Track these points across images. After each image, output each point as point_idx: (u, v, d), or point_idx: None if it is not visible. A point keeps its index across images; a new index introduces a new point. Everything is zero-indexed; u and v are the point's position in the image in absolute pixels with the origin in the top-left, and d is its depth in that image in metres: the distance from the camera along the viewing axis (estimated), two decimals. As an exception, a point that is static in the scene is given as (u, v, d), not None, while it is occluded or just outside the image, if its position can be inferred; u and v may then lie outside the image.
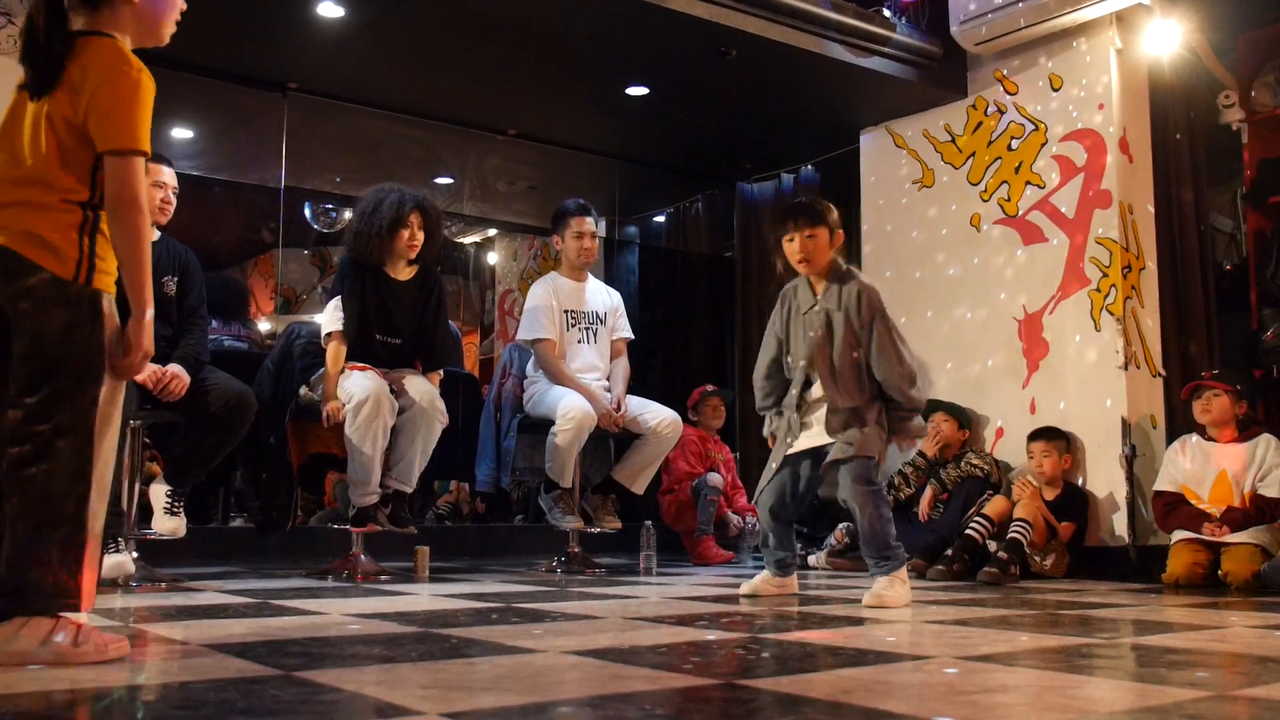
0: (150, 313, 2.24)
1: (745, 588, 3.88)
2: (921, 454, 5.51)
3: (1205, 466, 4.74)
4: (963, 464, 5.42)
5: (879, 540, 3.62)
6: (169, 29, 2.35)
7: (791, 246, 3.80)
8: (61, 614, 2.11)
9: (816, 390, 3.78)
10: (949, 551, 4.89)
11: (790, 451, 3.80)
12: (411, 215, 4.58)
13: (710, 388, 6.48)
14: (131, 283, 2.20)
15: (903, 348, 3.72)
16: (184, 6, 2.36)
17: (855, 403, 3.69)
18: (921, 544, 5.14)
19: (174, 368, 4.02)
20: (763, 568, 3.96)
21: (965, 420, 5.60)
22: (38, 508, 2.09)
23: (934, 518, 5.29)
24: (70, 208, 2.15)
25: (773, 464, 3.86)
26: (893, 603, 3.48)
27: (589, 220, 5.21)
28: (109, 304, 2.22)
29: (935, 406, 5.57)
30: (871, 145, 6.47)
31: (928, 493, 5.36)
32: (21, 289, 2.10)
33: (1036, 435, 5.22)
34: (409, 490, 4.56)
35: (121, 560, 3.90)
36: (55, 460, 2.09)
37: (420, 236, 4.63)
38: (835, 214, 3.88)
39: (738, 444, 7.17)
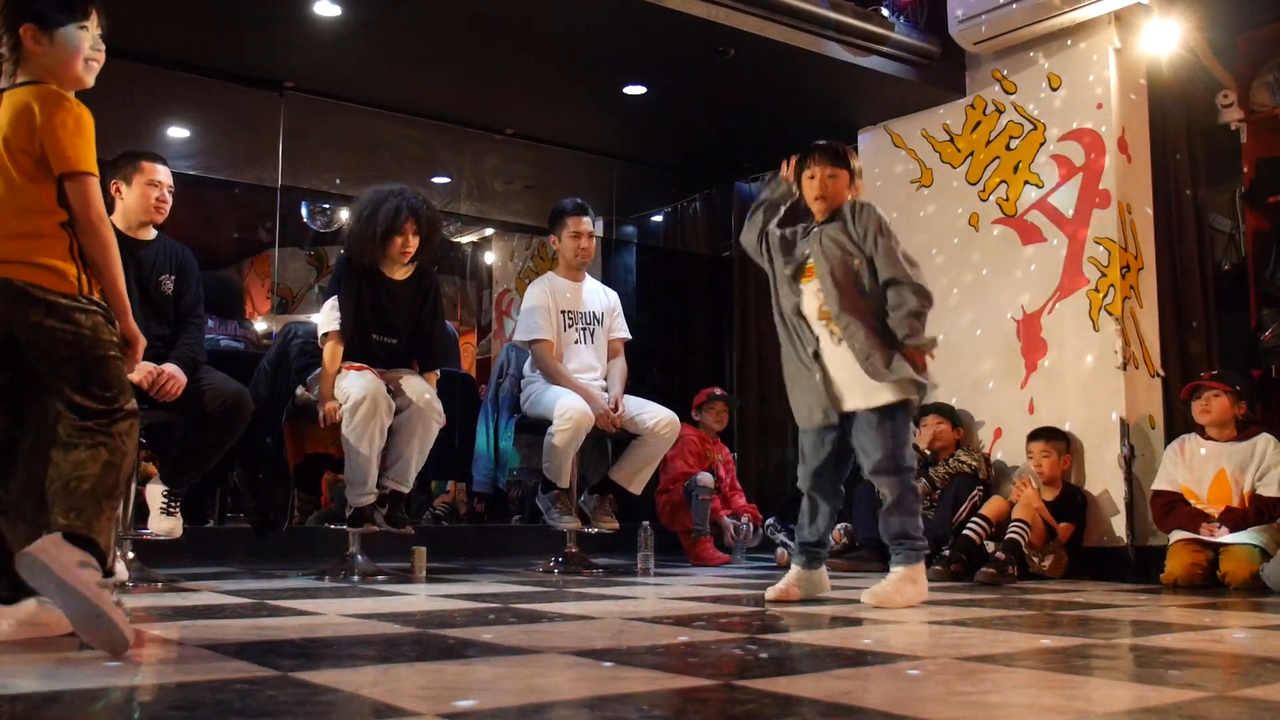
0: (129, 310, 2.51)
1: (772, 593, 3.64)
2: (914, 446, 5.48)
3: (1204, 466, 4.73)
4: (951, 462, 5.42)
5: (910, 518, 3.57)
6: (82, 77, 2.52)
7: (811, 183, 3.75)
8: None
9: (829, 346, 3.64)
10: (946, 551, 4.88)
11: (819, 423, 3.65)
12: (406, 224, 4.56)
13: (719, 391, 6.49)
14: (109, 286, 2.45)
15: (905, 255, 3.63)
16: (94, 56, 2.53)
17: (861, 317, 3.56)
18: None
19: (170, 368, 4.01)
20: (773, 567, 3.89)
21: (957, 420, 5.59)
22: (106, 480, 2.32)
23: (927, 517, 5.27)
24: (60, 233, 2.41)
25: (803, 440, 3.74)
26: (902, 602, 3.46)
27: (586, 220, 5.20)
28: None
29: (927, 409, 5.55)
30: (870, 145, 6.46)
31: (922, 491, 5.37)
32: (43, 308, 2.34)
33: (1035, 435, 5.22)
34: (406, 490, 4.55)
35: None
36: (128, 440, 2.38)
37: (414, 243, 4.61)
38: (859, 163, 3.87)
39: (735, 445, 7.17)
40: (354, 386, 4.31)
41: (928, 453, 5.44)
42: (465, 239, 9.67)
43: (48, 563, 2.17)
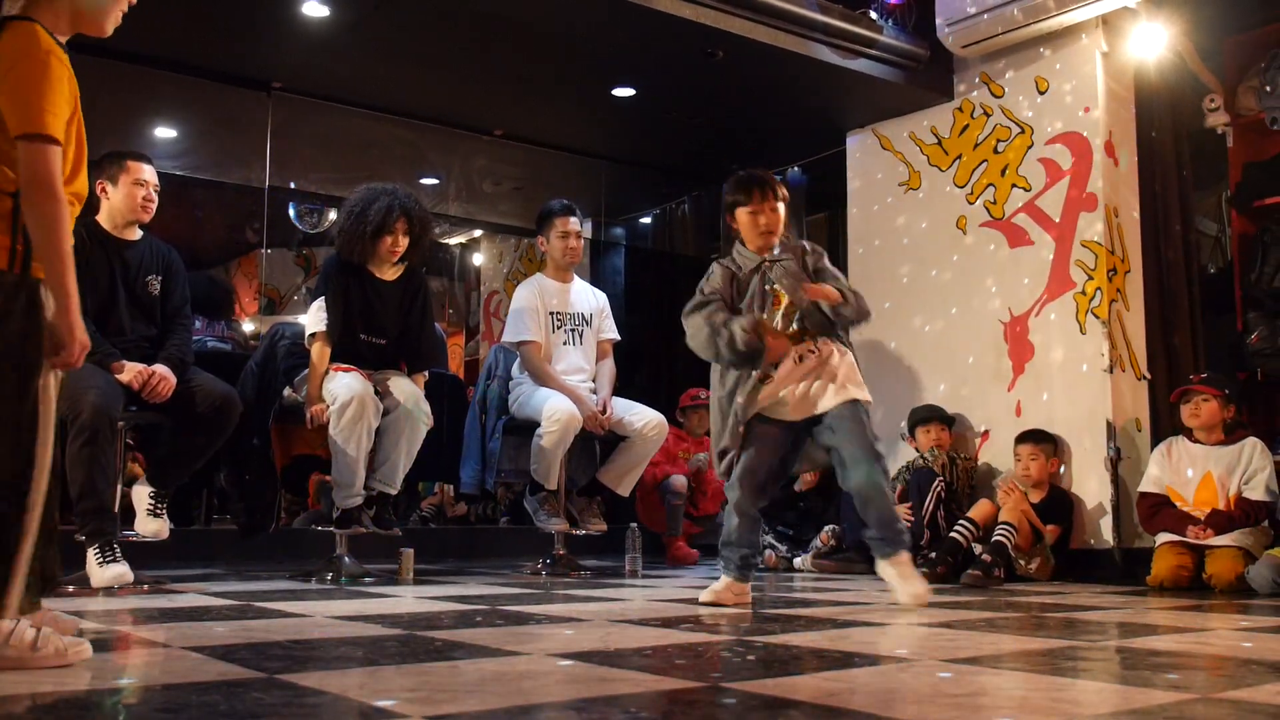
0: (75, 303, 2.12)
1: (706, 595, 3.60)
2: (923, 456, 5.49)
3: (1191, 469, 4.75)
4: (915, 462, 5.43)
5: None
6: (111, 20, 2.30)
7: (765, 219, 3.71)
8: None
9: (787, 366, 3.65)
10: (933, 554, 4.89)
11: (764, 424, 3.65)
12: (397, 222, 4.55)
13: (703, 395, 6.48)
14: (49, 272, 2.11)
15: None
16: (125, 7, 2.32)
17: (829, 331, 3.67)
18: None
19: (161, 368, 4.00)
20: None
21: (950, 423, 5.60)
22: None
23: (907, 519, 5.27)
24: (2, 197, 2.11)
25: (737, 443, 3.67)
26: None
27: (574, 220, 5.20)
28: (47, 294, 2.14)
29: (925, 419, 5.56)
30: (858, 147, 6.47)
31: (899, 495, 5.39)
32: None
33: (1023, 438, 5.23)
34: (393, 492, 4.54)
35: (121, 571, 3.84)
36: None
37: (404, 243, 4.60)
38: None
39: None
40: (341, 388, 4.30)
41: (926, 458, 5.42)
42: (453, 240, 9.65)
43: None
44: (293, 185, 7.41)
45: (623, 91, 6.07)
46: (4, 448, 2.04)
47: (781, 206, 3.76)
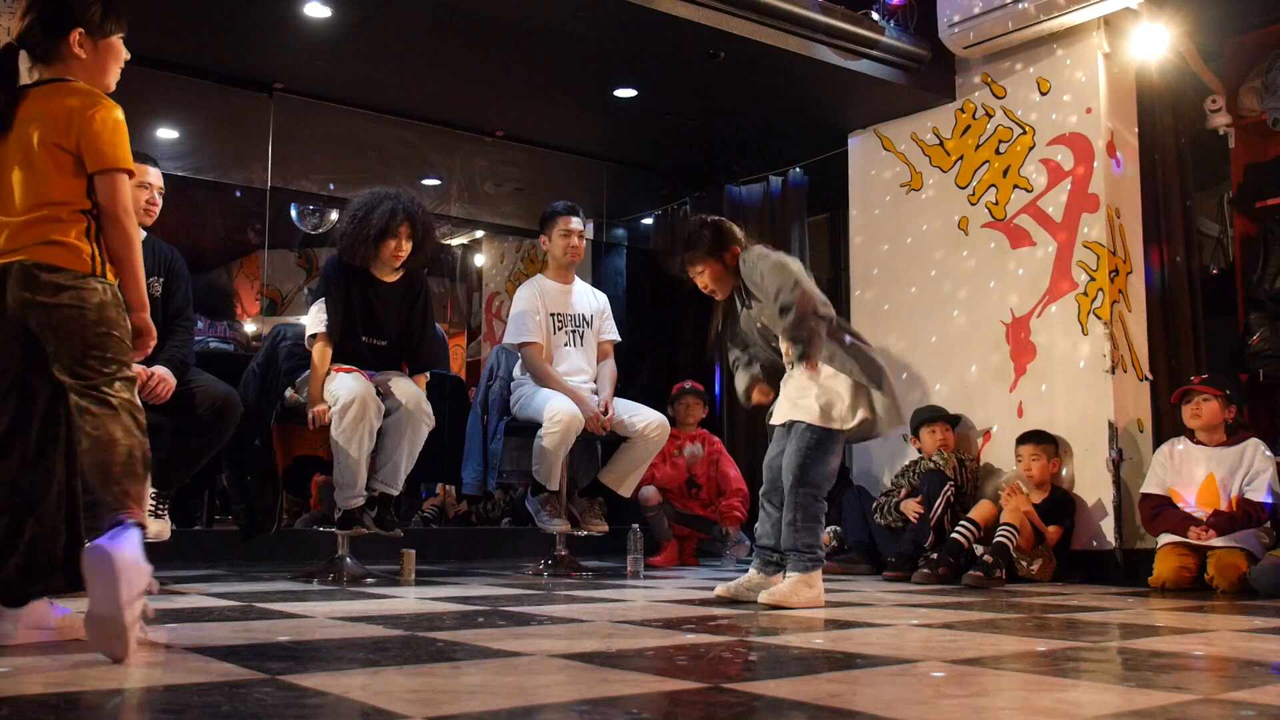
0: (147, 303, 2.55)
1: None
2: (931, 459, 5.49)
3: (1193, 470, 4.74)
4: (921, 464, 5.43)
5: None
6: (113, 80, 2.63)
7: (699, 286, 3.87)
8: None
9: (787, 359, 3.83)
10: (934, 555, 4.89)
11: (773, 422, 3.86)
12: (401, 227, 4.55)
13: (688, 385, 6.45)
14: (129, 280, 2.50)
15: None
16: (127, 56, 2.65)
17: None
18: (895, 550, 5.16)
19: (160, 370, 4.00)
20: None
21: (954, 423, 5.60)
22: (132, 448, 2.39)
23: (911, 522, 5.26)
24: (78, 217, 2.44)
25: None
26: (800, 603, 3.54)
27: (576, 220, 5.20)
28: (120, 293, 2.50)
29: (930, 419, 5.56)
30: (860, 148, 6.47)
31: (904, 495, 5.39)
32: (49, 285, 2.37)
33: (1024, 439, 5.23)
34: (395, 493, 4.54)
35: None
36: (119, 422, 2.38)
37: (407, 248, 4.60)
38: (719, 235, 3.84)
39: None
40: (343, 389, 4.29)
41: (937, 460, 5.42)
42: (455, 241, 9.66)
43: (115, 561, 2.21)
44: (294, 186, 7.42)
45: (624, 92, 6.07)
46: (127, 418, 2.42)
47: (711, 266, 3.82)
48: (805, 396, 3.69)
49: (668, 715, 1.74)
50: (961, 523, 4.98)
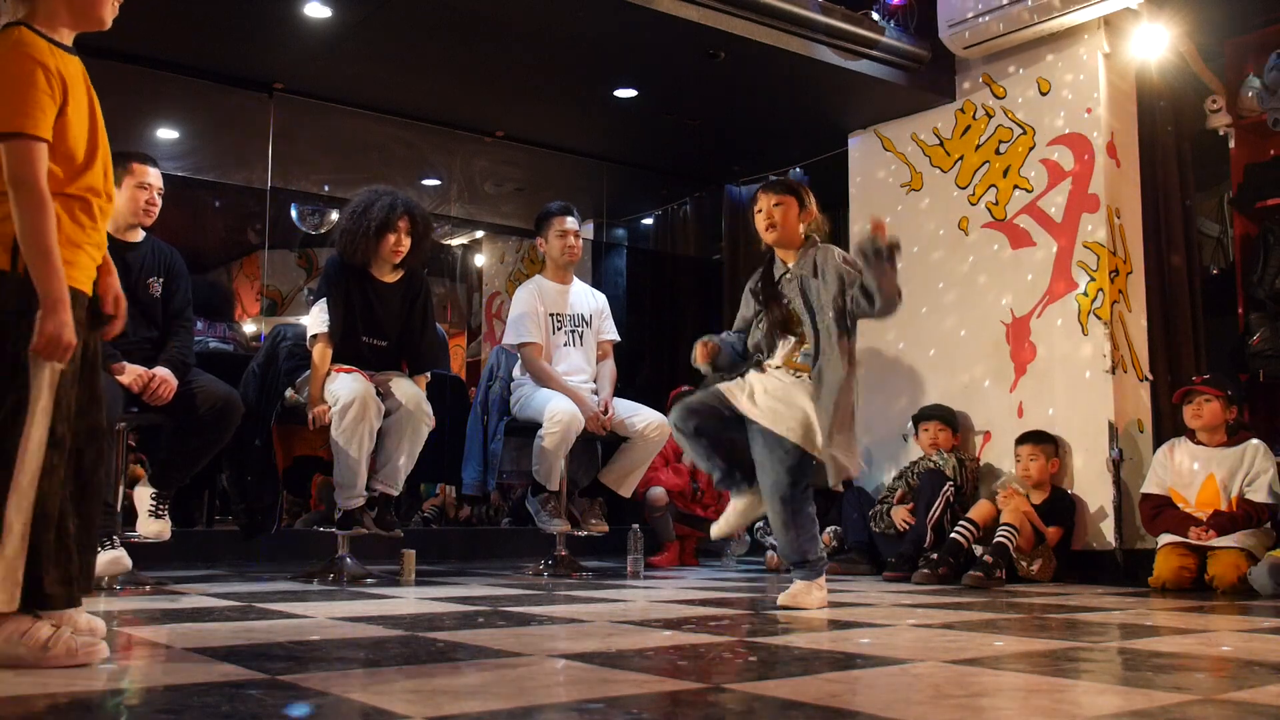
0: (58, 300, 2.11)
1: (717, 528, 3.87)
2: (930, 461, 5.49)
3: (1193, 471, 4.74)
4: (921, 463, 5.43)
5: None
6: (108, 11, 2.29)
7: (759, 216, 3.85)
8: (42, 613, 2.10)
9: (777, 358, 3.73)
10: (934, 555, 4.89)
11: (736, 403, 3.66)
12: (400, 220, 4.56)
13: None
14: (31, 269, 2.11)
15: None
16: None
17: (834, 364, 3.58)
18: (895, 551, 5.16)
19: (162, 371, 4.00)
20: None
21: (956, 426, 5.60)
22: None
23: (908, 521, 5.26)
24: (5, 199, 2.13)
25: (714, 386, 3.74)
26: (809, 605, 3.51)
27: (571, 220, 5.20)
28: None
29: (928, 415, 5.56)
30: (860, 148, 6.47)
31: (899, 498, 5.39)
32: None
33: (1024, 439, 5.23)
34: (395, 493, 4.54)
35: (117, 556, 3.85)
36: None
37: (406, 243, 4.61)
38: (810, 195, 3.92)
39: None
40: (343, 389, 4.30)
41: (936, 460, 5.42)
42: (455, 241, 9.66)
43: None
44: (294, 186, 7.42)
45: (624, 93, 6.07)
46: None
47: (790, 201, 3.86)
48: (790, 406, 3.59)
49: (668, 715, 1.74)
50: (961, 523, 4.98)
